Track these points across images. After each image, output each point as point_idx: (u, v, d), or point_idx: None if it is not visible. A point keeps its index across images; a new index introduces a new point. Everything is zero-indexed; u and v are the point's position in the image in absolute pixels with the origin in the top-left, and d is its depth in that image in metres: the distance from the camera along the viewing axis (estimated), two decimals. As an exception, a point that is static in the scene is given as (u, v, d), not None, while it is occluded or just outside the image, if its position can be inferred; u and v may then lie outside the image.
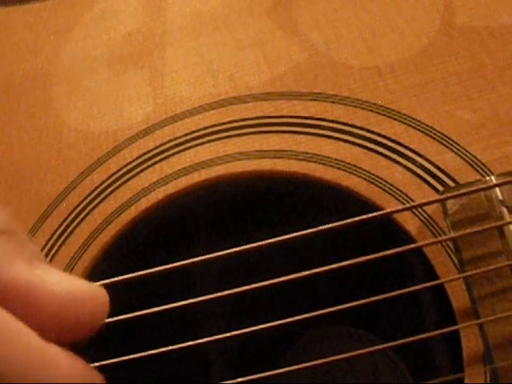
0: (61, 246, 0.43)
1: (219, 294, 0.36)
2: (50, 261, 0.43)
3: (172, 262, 0.37)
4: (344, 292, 0.46)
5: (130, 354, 0.35)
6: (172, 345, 0.36)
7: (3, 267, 0.27)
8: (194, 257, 0.37)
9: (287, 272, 0.38)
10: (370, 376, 0.57)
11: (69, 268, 0.42)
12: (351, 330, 0.57)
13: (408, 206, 0.38)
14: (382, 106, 0.42)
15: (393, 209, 0.37)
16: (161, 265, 0.38)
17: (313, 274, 0.36)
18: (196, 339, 0.36)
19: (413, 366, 0.55)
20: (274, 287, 0.36)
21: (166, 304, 0.36)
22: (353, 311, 0.38)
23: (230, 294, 0.36)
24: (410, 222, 0.38)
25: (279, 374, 0.36)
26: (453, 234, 0.36)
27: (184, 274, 0.50)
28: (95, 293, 0.29)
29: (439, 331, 0.35)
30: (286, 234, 0.37)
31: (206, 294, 0.37)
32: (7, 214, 0.29)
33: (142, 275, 0.37)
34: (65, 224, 0.43)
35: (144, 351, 0.36)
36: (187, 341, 0.36)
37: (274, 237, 0.37)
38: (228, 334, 0.36)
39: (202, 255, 0.37)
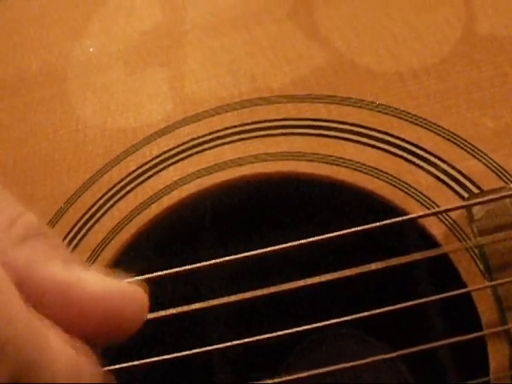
0: (78, 243, 0.43)
1: (229, 298, 0.37)
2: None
3: (192, 262, 0.38)
4: (351, 294, 0.47)
5: (131, 358, 0.35)
6: (174, 347, 0.36)
7: (39, 267, 0.27)
8: (212, 257, 0.37)
9: (302, 274, 0.38)
10: (372, 375, 0.58)
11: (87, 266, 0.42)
12: (353, 332, 0.57)
13: (434, 210, 0.39)
14: (404, 112, 0.42)
15: (420, 213, 0.38)
16: (182, 264, 0.38)
17: (325, 281, 0.37)
18: (200, 341, 0.36)
19: (413, 366, 0.56)
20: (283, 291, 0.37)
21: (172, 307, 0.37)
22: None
23: (239, 300, 0.36)
24: (435, 227, 0.39)
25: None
26: (480, 240, 0.37)
27: (194, 276, 0.50)
28: (134, 293, 0.29)
29: (465, 337, 0.36)
30: (308, 236, 0.37)
31: (216, 296, 0.38)
32: (35, 217, 0.28)
33: (148, 278, 0.37)
34: (82, 221, 0.43)
35: (144, 354, 0.36)
36: (191, 344, 0.36)
37: (296, 238, 0.37)
38: (235, 342, 0.36)
39: (221, 255, 0.37)
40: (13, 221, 0.27)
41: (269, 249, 0.36)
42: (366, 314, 0.36)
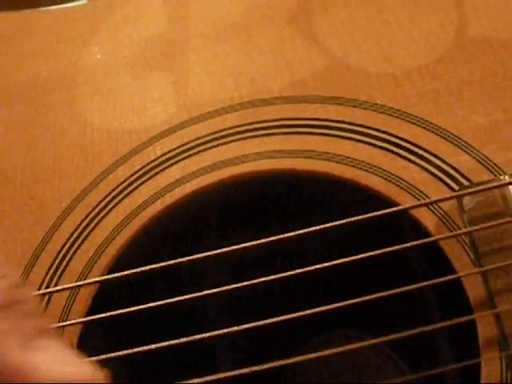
0: (84, 239, 0.44)
1: (215, 290, 0.38)
2: (74, 254, 0.44)
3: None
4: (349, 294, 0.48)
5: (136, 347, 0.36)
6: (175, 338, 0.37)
7: None
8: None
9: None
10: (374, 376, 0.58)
11: (92, 261, 0.43)
12: (358, 335, 0.58)
13: (425, 201, 0.40)
14: (399, 110, 0.44)
15: (410, 204, 0.39)
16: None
17: (322, 268, 0.38)
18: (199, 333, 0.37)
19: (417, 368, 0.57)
20: (282, 285, 0.38)
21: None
22: (361, 314, 0.40)
23: (232, 289, 0.37)
24: (427, 218, 0.40)
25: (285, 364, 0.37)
26: (469, 228, 0.38)
27: (197, 269, 0.51)
28: (92, 379, 0.26)
29: (455, 320, 0.37)
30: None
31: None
32: (9, 282, 0.27)
33: (144, 271, 0.38)
34: (89, 218, 0.45)
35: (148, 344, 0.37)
36: (193, 334, 0.37)
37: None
38: (234, 328, 0.37)
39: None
40: None
41: (263, 240, 0.38)
42: (360, 299, 0.37)
